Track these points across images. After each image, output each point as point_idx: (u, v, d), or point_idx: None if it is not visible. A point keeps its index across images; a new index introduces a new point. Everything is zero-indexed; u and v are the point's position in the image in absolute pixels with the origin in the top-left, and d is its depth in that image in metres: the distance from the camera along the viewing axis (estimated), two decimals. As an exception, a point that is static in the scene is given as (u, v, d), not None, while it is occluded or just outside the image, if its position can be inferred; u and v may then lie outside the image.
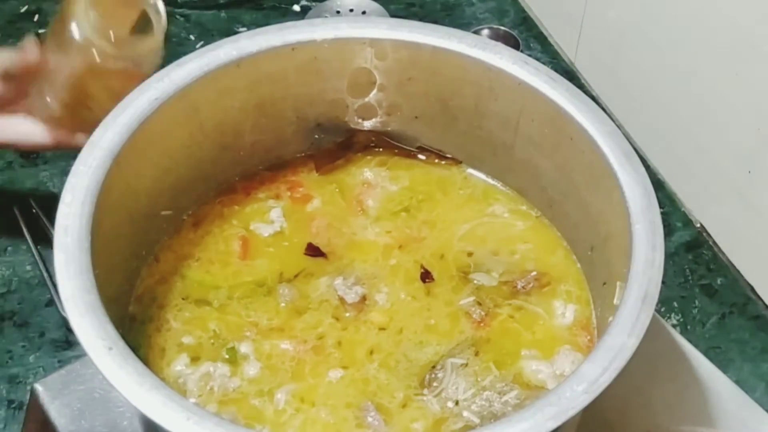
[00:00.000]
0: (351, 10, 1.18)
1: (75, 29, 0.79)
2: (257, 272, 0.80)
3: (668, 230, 1.01)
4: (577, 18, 1.19)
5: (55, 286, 0.65)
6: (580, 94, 0.76)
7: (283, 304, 0.77)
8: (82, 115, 0.84)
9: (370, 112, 0.86)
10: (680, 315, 1.00)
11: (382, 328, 0.76)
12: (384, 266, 0.80)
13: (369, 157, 0.88)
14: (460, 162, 0.87)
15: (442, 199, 0.85)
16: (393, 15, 1.23)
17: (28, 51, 0.85)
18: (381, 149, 0.88)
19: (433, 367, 0.73)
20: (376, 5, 1.20)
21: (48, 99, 0.86)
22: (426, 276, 0.79)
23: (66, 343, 0.95)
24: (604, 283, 0.74)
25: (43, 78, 0.85)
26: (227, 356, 0.74)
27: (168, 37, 1.28)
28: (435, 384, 0.73)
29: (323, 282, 0.79)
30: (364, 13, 1.17)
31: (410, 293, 0.78)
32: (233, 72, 0.78)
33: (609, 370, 0.61)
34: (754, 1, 0.90)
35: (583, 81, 1.22)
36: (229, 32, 1.26)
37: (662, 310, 1.00)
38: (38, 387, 0.78)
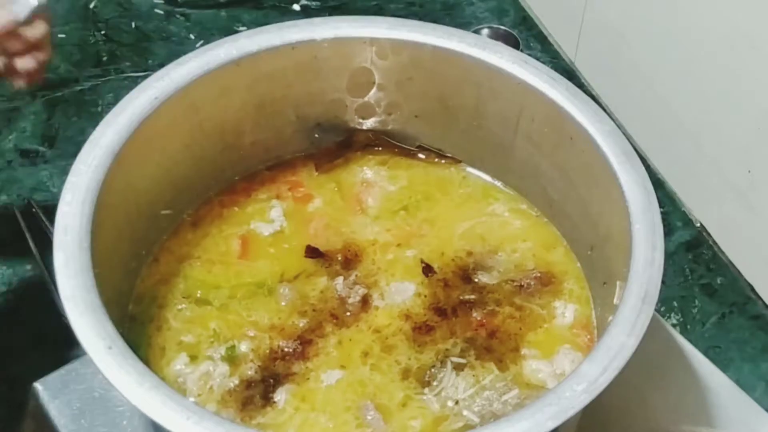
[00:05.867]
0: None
1: None
2: (258, 273, 0.79)
3: (668, 230, 1.01)
4: (577, 18, 1.19)
5: (55, 285, 0.65)
6: (580, 93, 0.76)
7: (283, 303, 0.77)
8: None
9: (370, 111, 0.86)
10: (680, 315, 1.00)
11: (382, 328, 0.76)
12: (384, 264, 0.80)
13: (369, 157, 0.88)
14: (460, 161, 0.87)
15: (441, 198, 0.85)
16: (393, 14, 1.23)
17: None
18: (381, 148, 0.88)
19: (433, 366, 0.73)
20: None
21: None
22: (428, 270, 0.79)
23: (66, 343, 0.95)
24: (604, 283, 0.74)
25: None
26: (227, 355, 0.74)
27: (168, 37, 1.28)
28: (435, 383, 0.72)
29: (323, 282, 0.79)
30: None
31: (410, 291, 0.78)
32: (233, 71, 0.78)
33: (609, 370, 0.61)
34: (754, 1, 0.90)
35: (583, 81, 1.22)
36: (228, 31, 1.26)
37: (662, 309, 1.00)
38: (38, 387, 0.78)
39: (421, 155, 0.88)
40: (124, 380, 0.60)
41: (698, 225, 1.08)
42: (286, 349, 0.74)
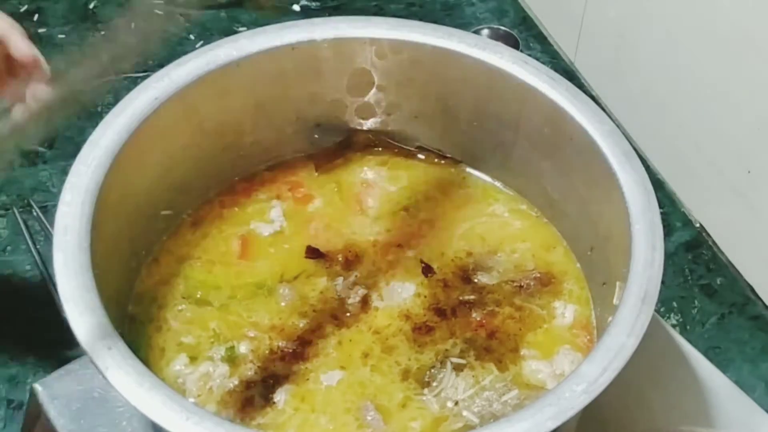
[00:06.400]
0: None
1: None
2: (258, 273, 0.79)
3: (668, 230, 1.01)
4: (577, 18, 1.19)
5: (54, 286, 0.65)
6: (580, 94, 0.77)
7: (283, 304, 0.77)
8: None
9: (370, 111, 0.86)
10: (680, 315, 1.00)
11: (382, 329, 0.76)
12: (384, 265, 0.80)
13: (369, 157, 0.88)
14: (460, 162, 0.87)
15: (441, 198, 0.85)
16: (393, 15, 1.23)
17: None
18: (381, 149, 0.88)
19: (433, 366, 0.73)
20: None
21: None
22: (428, 270, 0.79)
23: (66, 343, 0.95)
24: (604, 283, 0.74)
25: None
26: (227, 356, 0.74)
27: (168, 37, 1.28)
28: (435, 384, 0.72)
29: (323, 283, 0.79)
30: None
31: (410, 292, 0.78)
32: (233, 72, 0.78)
33: (608, 370, 0.61)
34: (755, 1, 0.90)
35: (583, 81, 1.22)
36: (228, 32, 1.25)
37: (662, 310, 1.00)
38: (38, 387, 0.78)
39: (420, 156, 0.88)
40: (124, 381, 0.60)
41: (698, 225, 1.08)
42: (285, 350, 0.74)
